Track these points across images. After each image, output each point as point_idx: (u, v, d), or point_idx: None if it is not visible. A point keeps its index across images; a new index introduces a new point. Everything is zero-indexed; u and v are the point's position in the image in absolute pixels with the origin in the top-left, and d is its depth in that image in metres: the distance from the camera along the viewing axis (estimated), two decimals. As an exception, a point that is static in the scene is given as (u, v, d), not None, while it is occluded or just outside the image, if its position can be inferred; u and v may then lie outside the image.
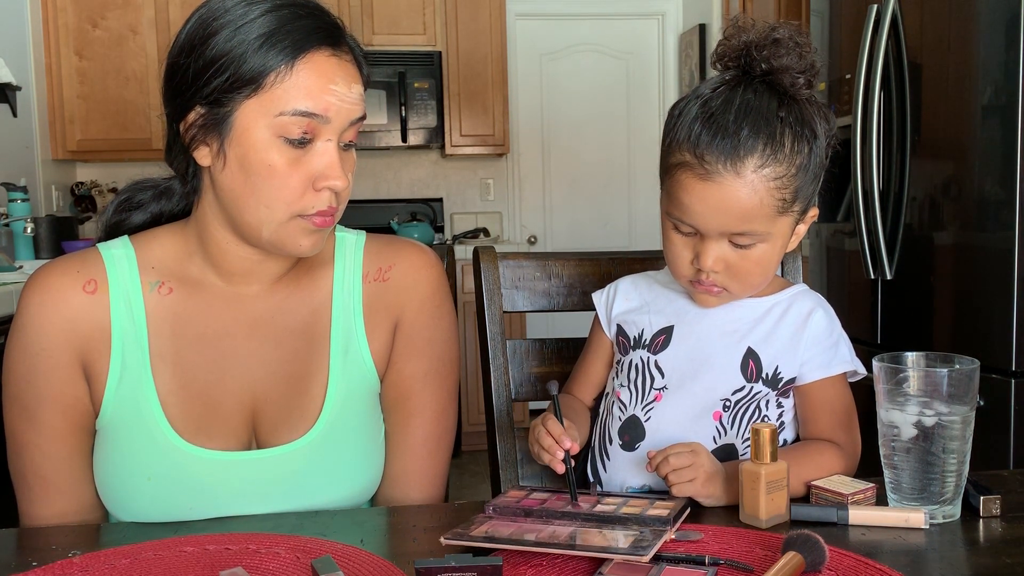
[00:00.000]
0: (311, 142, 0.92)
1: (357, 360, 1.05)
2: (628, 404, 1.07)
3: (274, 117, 0.90)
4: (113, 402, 0.99)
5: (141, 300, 1.00)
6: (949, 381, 0.88)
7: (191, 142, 0.95)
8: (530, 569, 0.78)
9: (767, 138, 0.94)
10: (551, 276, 1.32)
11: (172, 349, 1.00)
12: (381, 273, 1.07)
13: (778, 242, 1.00)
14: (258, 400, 1.02)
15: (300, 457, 1.01)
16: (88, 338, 0.98)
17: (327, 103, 0.91)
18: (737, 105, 0.95)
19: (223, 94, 0.91)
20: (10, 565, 0.81)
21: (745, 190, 0.94)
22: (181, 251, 1.02)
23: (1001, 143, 1.92)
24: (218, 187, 0.95)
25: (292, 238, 0.95)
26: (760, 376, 1.02)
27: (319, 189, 0.93)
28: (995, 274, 1.94)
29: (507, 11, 4.45)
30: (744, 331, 1.04)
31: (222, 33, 0.90)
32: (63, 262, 1.01)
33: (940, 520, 0.89)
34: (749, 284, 1.01)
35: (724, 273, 0.99)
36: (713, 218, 0.96)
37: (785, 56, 0.96)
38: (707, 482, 0.92)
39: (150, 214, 1.09)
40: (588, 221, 4.88)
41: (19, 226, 3.24)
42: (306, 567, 0.79)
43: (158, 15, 4.02)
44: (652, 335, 1.07)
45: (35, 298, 0.98)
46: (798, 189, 0.97)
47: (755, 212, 0.95)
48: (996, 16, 1.93)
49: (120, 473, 0.99)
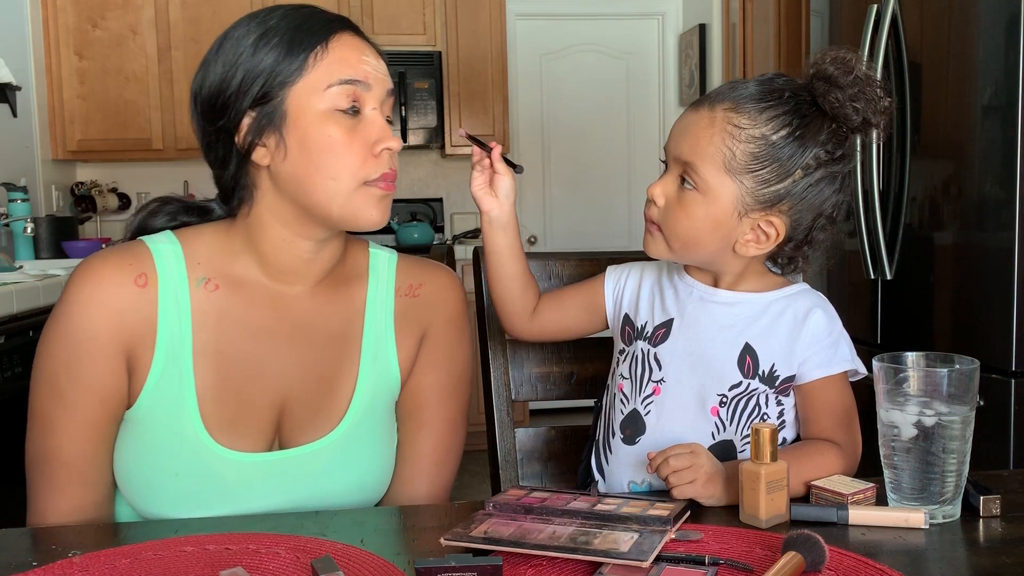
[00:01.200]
0: (359, 112, 0.98)
1: (385, 367, 1.09)
2: (629, 397, 1.08)
3: (323, 91, 0.96)
4: (151, 396, 1.00)
5: (188, 296, 1.01)
6: (949, 381, 0.88)
7: (249, 148, 0.98)
8: (530, 569, 0.78)
9: (757, 98, 0.99)
10: (551, 276, 1.32)
11: (214, 346, 1.01)
12: (412, 289, 1.12)
13: (714, 205, 0.99)
14: (288, 399, 1.04)
15: (321, 457, 1.04)
16: (134, 331, 0.99)
17: (365, 71, 0.99)
18: (768, 77, 1.01)
19: (270, 89, 0.96)
20: (10, 565, 0.81)
21: (706, 120, 1.00)
22: (226, 249, 1.04)
23: (1001, 143, 1.92)
24: (281, 179, 0.99)
25: (362, 210, 0.99)
26: (757, 373, 1.03)
27: (377, 154, 0.98)
28: (995, 274, 1.94)
29: (507, 11, 4.45)
30: (742, 327, 1.04)
31: (251, 45, 0.97)
32: (115, 254, 1.02)
33: (940, 520, 0.89)
34: (675, 233, 1.02)
35: (663, 211, 1.02)
36: (674, 140, 1.02)
37: (832, 67, 0.97)
38: (707, 483, 0.92)
39: (179, 222, 1.10)
40: (588, 221, 4.88)
41: (19, 226, 3.24)
42: (306, 567, 0.79)
43: (158, 15, 4.02)
44: (654, 327, 1.08)
45: (86, 287, 0.99)
46: (753, 157, 0.97)
47: (703, 144, 0.98)
48: (996, 16, 1.93)
49: (147, 467, 1.00)
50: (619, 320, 1.14)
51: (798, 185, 0.99)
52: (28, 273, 2.57)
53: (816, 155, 0.98)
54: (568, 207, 4.89)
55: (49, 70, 3.97)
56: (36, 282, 2.43)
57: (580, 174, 4.88)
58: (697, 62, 4.46)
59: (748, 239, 1.01)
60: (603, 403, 1.15)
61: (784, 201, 0.99)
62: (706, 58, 4.41)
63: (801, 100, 0.99)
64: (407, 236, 4.11)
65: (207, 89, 0.99)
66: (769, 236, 1.01)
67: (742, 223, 1.00)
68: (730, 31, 4.04)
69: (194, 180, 4.26)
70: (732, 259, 1.03)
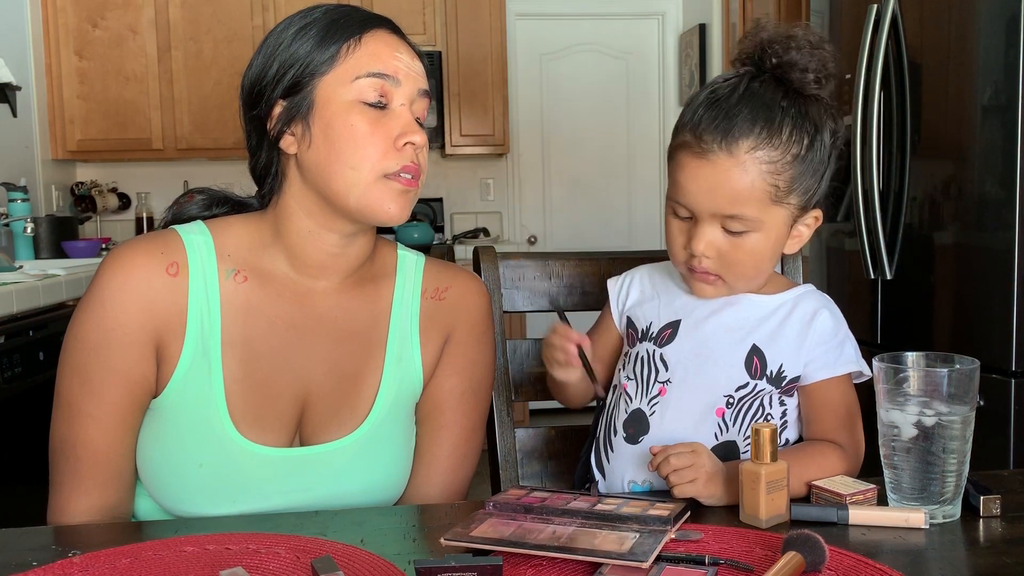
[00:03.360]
0: (387, 106, 0.99)
1: (409, 368, 1.09)
2: (634, 397, 1.08)
3: (351, 83, 0.97)
4: (180, 385, 1.00)
5: (217, 287, 1.02)
6: (949, 381, 0.88)
7: (278, 136, 1.00)
8: (530, 569, 0.78)
9: (764, 122, 0.96)
10: (551, 276, 1.32)
11: (242, 338, 1.02)
12: (439, 292, 1.12)
13: (772, 234, 1.00)
14: (311, 395, 1.04)
15: (343, 455, 1.04)
16: (165, 320, 1.00)
17: (396, 67, 0.99)
18: (741, 92, 0.98)
19: (300, 79, 0.98)
20: (10, 565, 0.81)
21: (736, 170, 0.96)
22: (256, 241, 1.05)
23: (1001, 143, 1.92)
24: (305, 167, 1.00)
25: (380, 203, 0.98)
26: (764, 373, 1.03)
27: (401, 147, 0.98)
28: (995, 274, 1.94)
29: (507, 11, 4.45)
30: (749, 328, 1.04)
31: (291, 37, 1.00)
32: (147, 242, 1.02)
33: (940, 520, 0.89)
34: (741, 275, 1.02)
35: (716, 260, 1.00)
36: (705, 197, 0.98)
37: (796, 51, 0.98)
38: (708, 482, 0.92)
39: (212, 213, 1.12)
40: (588, 221, 4.88)
41: (19, 226, 3.24)
42: (306, 567, 0.79)
43: (158, 15, 4.02)
44: (659, 328, 1.08)
45: (118, 275, 0.99)
46: (793, 179, 0.97)
47: (746, 194, 0.96)
48: (996, 16, 1.93)
49: (172, 456, 1.01)
50: (623, 323, 1.14)
51: (828, 172, 1.01)
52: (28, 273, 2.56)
53: (832, 131, 1.00)
54: (568, 207, 4.89)
55: (49, 70, 3.97)
56: (36, 282, 2.43)
57: (580, 174, 4.88)
58: (697, 62, 4.46)
59: (794, 239, 1.03)
60: (607, 400, 1.15)
61: (820, 191, 1.02)
62: (706, 58, 4.41)
63: (788, 95, 0.99)
64: (407, 236, 4.11)
65: (248, 79, 1.02)
66: (810, 227, 1.04)
67: (791, 231, 1.02)
68: (730, 31, 4.04)
69: (194, 180, 4.26)
70: None
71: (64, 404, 1.01)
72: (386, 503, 1.08)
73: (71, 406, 1.00)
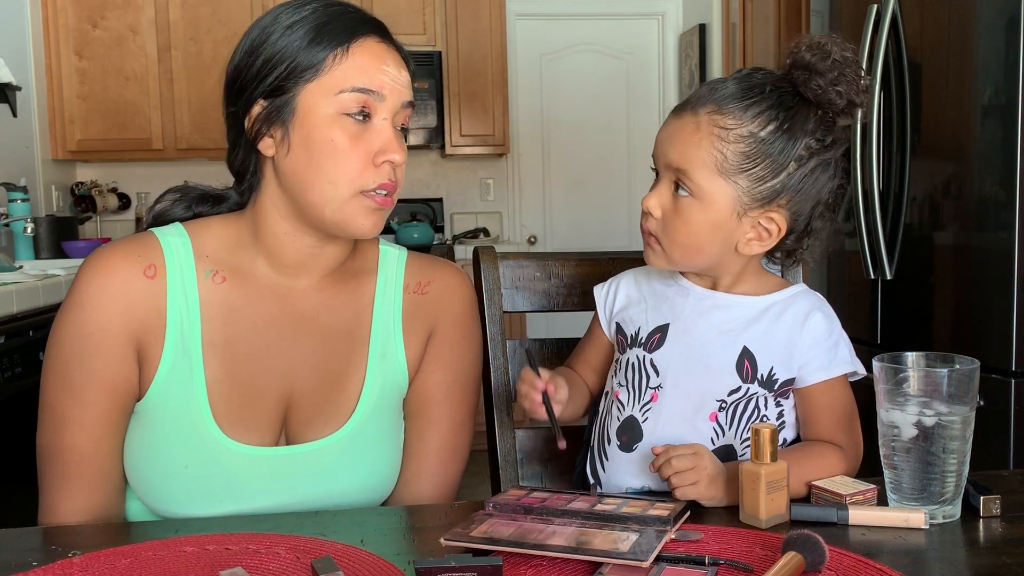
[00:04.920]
0: (369, 120, 0.98)
1: (393, 364, 1.08)
2: (626, 404, 1.07)
3: (335, 95, 0.96)
4: (161, 387, 1.00)
5: (196, 288, 1.02)
6: (949, 381, 0.88)
7: (256, 135, 0.99)
8: (530, 569, 0.78)
9: (739, 97, 0.98)
10: (551, 276, 1.32)
11: (222, 338, 1.02)
12: (421, 287, 1.12)
13: (711, 208, 0.98)
14: (295, 394, 1.04)
15: (329, 454, 1.04)
16: (144, 322, 1.00)
17: (381, 81, 0.98)
18: (745, 74, 1.01)
19: (284, 82, 0.97)
20: (10, 565, 0.81)
21: (691, 125, 0.99)
22: (234, 241, 1.04)
23: (1001, 143, 1.92)
24: (282, 173, 0.99)
25: (355, 217, 0.98)
26: (756, 377, 1.02)
27: (379, 164, 0.98)
28: (995, 274, 1.94)
29: (507, 11, 4.45)
30: (739, 330, 1.03)
31: (279, 31, 0.98)
32: (124, 245, 1.02)
33: (940, 520, 0.89)
34: (676, 242, 1.01)
35: (659, 222, 1.01)
36: (662, 146, 1.01)
37: (809, 54, 0.97)
38: (710, 485, 0.92)
39: (193, 213, 1.12)
40: (588, 221, 4.88)
41: (19, 226, 3.24)
42: (306, 567, 0.79)
43: (158, 15, 4.02)
44: (648, 333, 1.07)
45: (96, 279, 0.99)
46: (744, 156, 0.97)
47: (693, 150, 0.98)
48: (996, 16, 1.93)
49: (158, 459, 1.00)
50: (612, 330, 1.13)
51: (793, 178, 0.98)
52: (28, 273, 2.56)
53: (807, 145, 0.98)
54: (568, 207, 4.89)
55: (49, 70, 3.97)
56: (36, 282, 2.43)
57: (580, 174, 4.87)
58: (697, 62, 4.46)
59: (750, 238, 1.00)
60: (599, 408, 1.15)
61: (782, 196, 0.99)
62: (706, 58, 4.41)
63: (783, 92, 0.98)
64: (407, 236, 4.11)
65: (230, 69, 1.01)
66: (771, 232, 1.00)
67: (742, 223, 0.99)
68: (730, 31, 4.04)
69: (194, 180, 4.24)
70: (734, 259, 1.03)
71: (48, 409, 1.01)
72: (375, 500, 1.08)
73: (55, 411, 1.00)
